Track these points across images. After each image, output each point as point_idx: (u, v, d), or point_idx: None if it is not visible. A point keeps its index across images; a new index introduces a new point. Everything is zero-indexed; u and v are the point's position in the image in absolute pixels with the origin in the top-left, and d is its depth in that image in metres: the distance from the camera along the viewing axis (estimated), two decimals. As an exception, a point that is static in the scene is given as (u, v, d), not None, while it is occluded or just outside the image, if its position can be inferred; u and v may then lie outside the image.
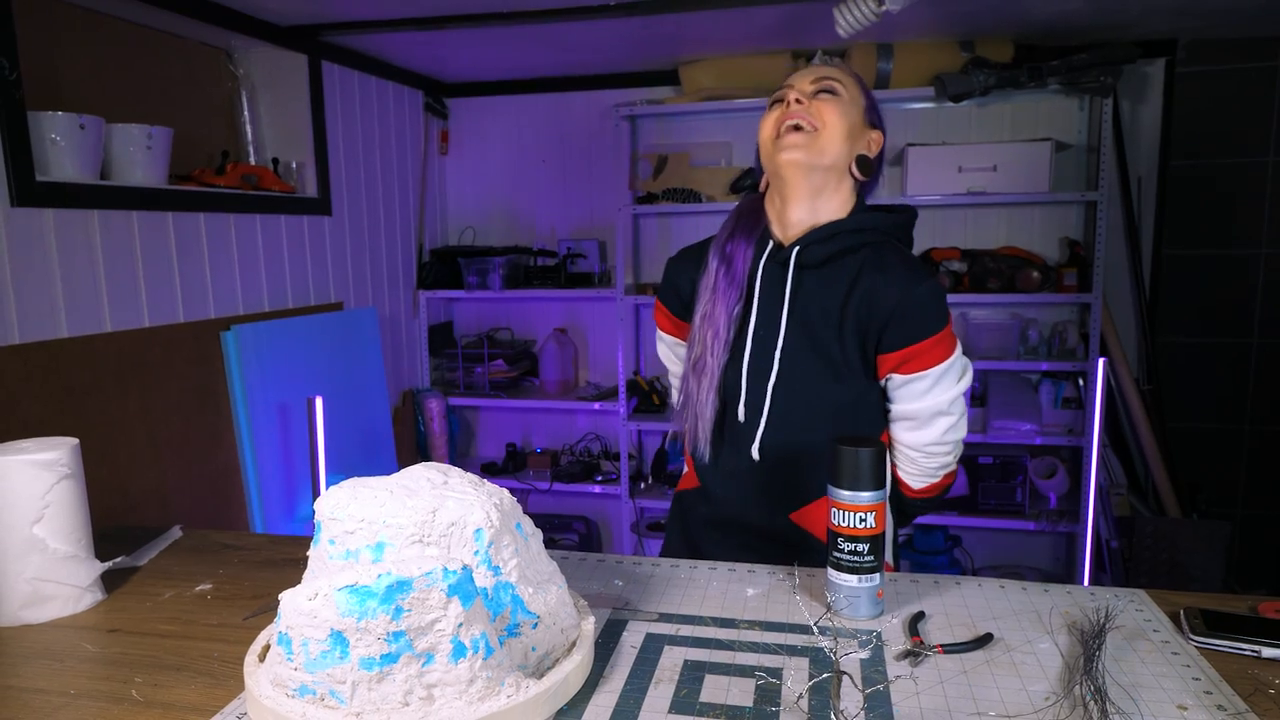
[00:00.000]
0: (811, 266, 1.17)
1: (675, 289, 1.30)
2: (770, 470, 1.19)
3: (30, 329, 1.73)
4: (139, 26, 2.17)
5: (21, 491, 0.98)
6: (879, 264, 1.15)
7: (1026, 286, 2.79)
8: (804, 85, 1.18)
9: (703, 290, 1.22)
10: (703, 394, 1.20)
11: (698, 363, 1.20)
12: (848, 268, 1.16)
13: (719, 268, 1.20)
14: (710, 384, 1.19)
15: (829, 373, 1.16)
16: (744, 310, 1.20)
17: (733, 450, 1.22)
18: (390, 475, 0.87)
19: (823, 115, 1.15)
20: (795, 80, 1.20)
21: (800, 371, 1.17)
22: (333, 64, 2.68)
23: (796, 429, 1.18)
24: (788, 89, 1.19)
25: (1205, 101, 2.81)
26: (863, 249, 1.17)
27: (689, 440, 1.25)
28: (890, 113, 3.06)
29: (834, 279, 1.16)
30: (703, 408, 1.20)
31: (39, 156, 1.74)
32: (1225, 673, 0.82)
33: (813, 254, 1.16)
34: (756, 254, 1.20)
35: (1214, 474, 2.95)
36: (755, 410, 1.18)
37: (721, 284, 1.19)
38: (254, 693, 0.76)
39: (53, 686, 0.84)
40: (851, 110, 1.18)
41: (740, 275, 1.19)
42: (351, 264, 2.83)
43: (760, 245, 1.21)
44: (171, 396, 2.08)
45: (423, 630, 0.73)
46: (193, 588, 1.09)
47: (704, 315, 1.20)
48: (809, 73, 1.20)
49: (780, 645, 0.90)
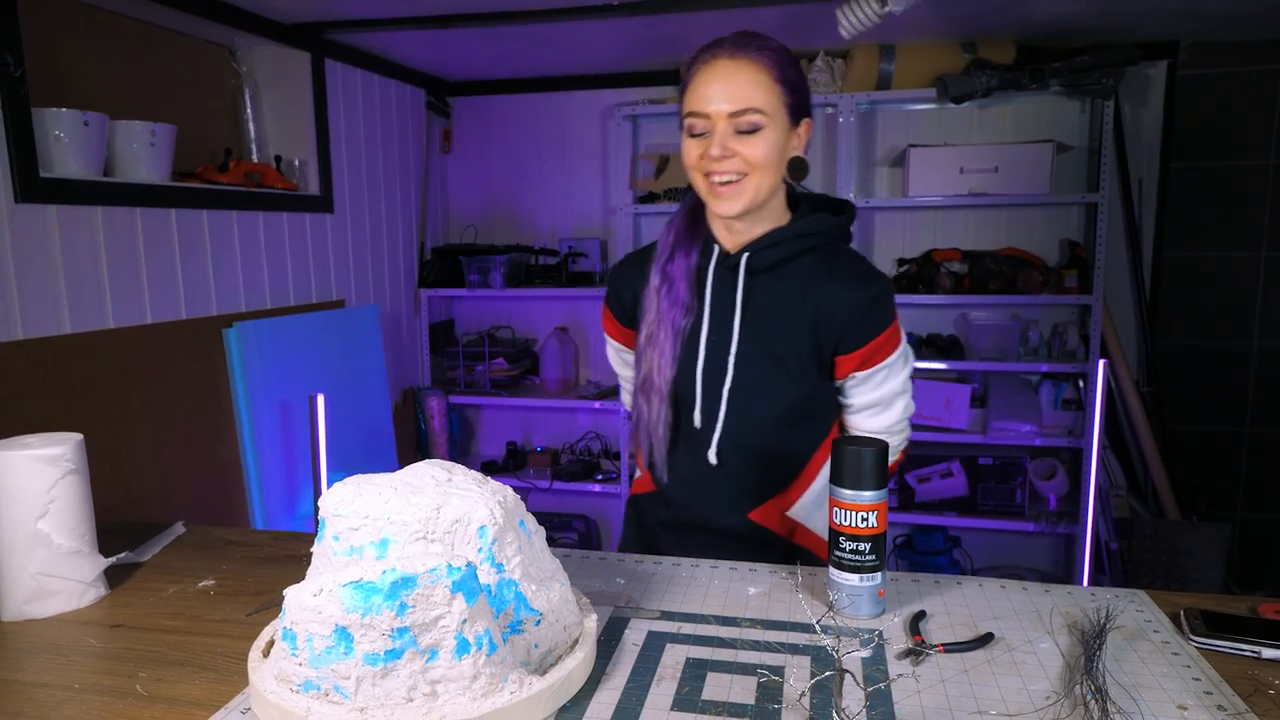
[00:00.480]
0: (761, 271, 1.18)
1: (618, 298, 1.29)
2: (728, 472, 1.20)
3: (34, 324, 1.73)
4: (143, 23, 2.18)
5: (26, 486, 0.98)
6: (831, 269, 1.17)
7: (1027, 288, 2.79)
8: (722, 119, 1.08)
9: (646, 309, 1.20)
10: (653, 414, 1.19)
11: (645, 383, 1.20)
12: (798, 271, 1.17)
13: (661, 287, 1.19)
14: (660, 403, 1.19)
15: (783, 375, 1.17)
16: (695, 318, 1.19)
17: (689, 456, 1.22)
18: (394, 472, 0.88)
19: (749, 159, 1.09)
20: (712, 108, 1.08)
21: (755, 375, 1.17)
22: (336, 62, 2.68)
23: (752, 431, 1.19)
24: (706, 121, 1.09)
25: (1207, 104, 2.82)
26: (809, 252, 1.18)
27: (643, 457, 1.26)
28: (892, 113, 3.07)
29: (785, 283, 1.17)
30: (654, 427, 1.20)
31: (43, 153, 1.75)
32: (1225, 673, 0.83)
33: (762, 259, 1.17)
34: (703, 261, 1.20)
35: (1214, 476, 2.95)
36: (711, 416, 1.19)
37: (665, 305, 1.18)
38: (259, 687, 0.77)
39: (57, 681, 0.84)
40: (776, 132, 1.10)
41: (683, 295, 1.18)
42: (353, 262, 2.84)
43: (705, 252, 1.20)
44: (174, 393, 2.08)
45: (427, 626, 0.73)
46: (196, 583, 1.09)
47: (649, 336, 1.19)
48: (725, 96, 1.07)
49: (782, 644, 0.91)
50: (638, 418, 1.23)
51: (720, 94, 1.08)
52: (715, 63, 1.09)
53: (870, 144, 3.10)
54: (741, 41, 1.10)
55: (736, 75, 1.08)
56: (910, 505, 2.99)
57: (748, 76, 1.08)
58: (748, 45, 1.10)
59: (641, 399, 1.21)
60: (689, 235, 1.21)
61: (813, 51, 2.93)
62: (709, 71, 1.09)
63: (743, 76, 1.08)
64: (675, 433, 1.22)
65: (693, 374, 1.19)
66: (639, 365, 1.22)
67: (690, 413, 1.20)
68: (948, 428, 2.92)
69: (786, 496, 1.22)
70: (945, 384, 2.97)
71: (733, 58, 1.09)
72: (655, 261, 1.21)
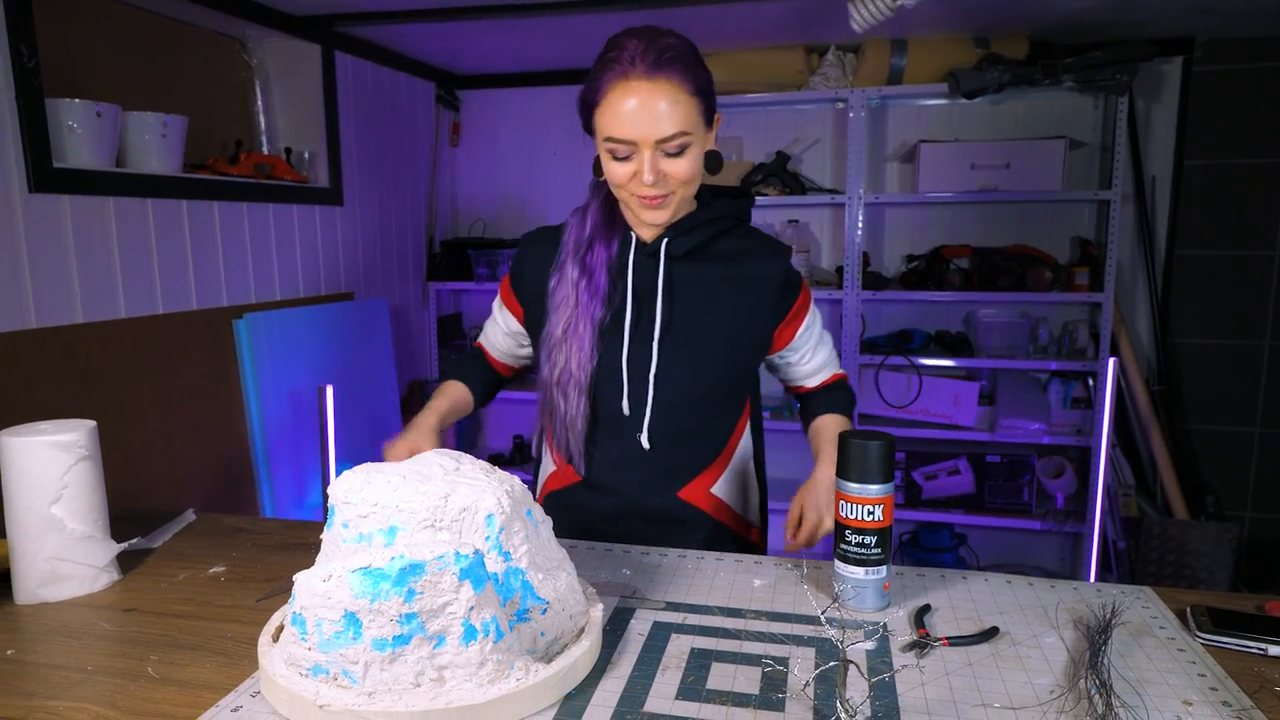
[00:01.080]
0: (679, 256, 1.20)
1: (523, 275, 1.28)
2: (659, 454, 1.22)
3: (47, 314, 1.74)
4: (155, 15, 2.19)
5: (40, 472, 0.99)
6: (746, 246, 1.23)
7: (1037, 285, 2.78)
8: (649, 144, 1.05)
9: (561, 301, 1.19)
10: (571, 407, 1.19)
11: (563, 377, 1.18)
12: (716, 253, 1.21)
13: (580, 280, 1.18)
14: (579, 395, 1.18)
15: (708, 355, 1.20)
16: (618, 307, 1.19)
17: (615, 442, 1.23)
18: (403, 461, 0.89)
19: (676, 177, 1.09)
20: (639, 134, 1.05)
21: (681, 357, 1.19)
22: (346, 55, 2.69)
23: (681, 412, 1.21)
24: (630, 147, 1.06)
25: (1222, 101, 2.80)
26: (721, 235, 1.22)
27: (559, 449, 1.25)
28: (903, 108, 3.06)
29: (707, 265, 1.20)
30: (573, 419, 1.19)
31: (56, 143, 1.76)
32: (1231, 669, 0.82)
33: (680, 245, 1.19)
34: (622, 250, 1.21)
35: (1224, 476, 2.94)
36: (639, 401, 1.20)
37: (584, 297, 1.18)
38: (268, 671, 0.78)
39: (70, 663, 0.86)
40: (699, 144, 1.10)
41: (603, 286, 1.18)
42: (362, 254, 2.85)
43: (624, 242, 1.21)
44: (184, 382, 2.09)
45: (434, 613, 0.74)
46: (206, 570, 1.10)
47: (567, 328, 1.18)
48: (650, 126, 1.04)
49: (787, 635, 0.91)
50: (552, 411, 1.22)
51: (645, 123, 1.04)
52: (631, 85, 1.04)
53: (881, 139, 3.09)
54: (650, 54, 1.03)
55: (657, 101, 1.03)
56: (917, 502, 2.98)
57: (668, 99, 1.04)
58: (659, 60, 1.03)
59: (557, 393, 1.20)
60: (606, 227, 1.21)
61: (823, 46, 2.92)
62: (625, 95, 1.04)
63: (664, 100, 1.04)
64: (594, 422, 1.22)
65: (617, 361, 1.20)
66: (551, 361, 1.20)
67: (617, 400, 1.20)
68: (955, 425, 2.91)
69: (711, 474, 1.26)
70: (954, 381, 2.96)
71: (650, 79, 1.03)
72: (569, 254, 1.20)
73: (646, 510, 1.25)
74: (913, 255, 3.06)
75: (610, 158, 1.10)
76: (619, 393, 1.20)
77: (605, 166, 1.13)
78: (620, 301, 1.19)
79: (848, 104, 2.90)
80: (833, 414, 1.31)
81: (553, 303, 1.20)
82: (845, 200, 2.93)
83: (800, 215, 3.14)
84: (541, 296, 1.22)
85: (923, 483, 2.97)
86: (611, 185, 1.14)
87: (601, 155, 1.12)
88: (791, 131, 3.14)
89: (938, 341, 3.04)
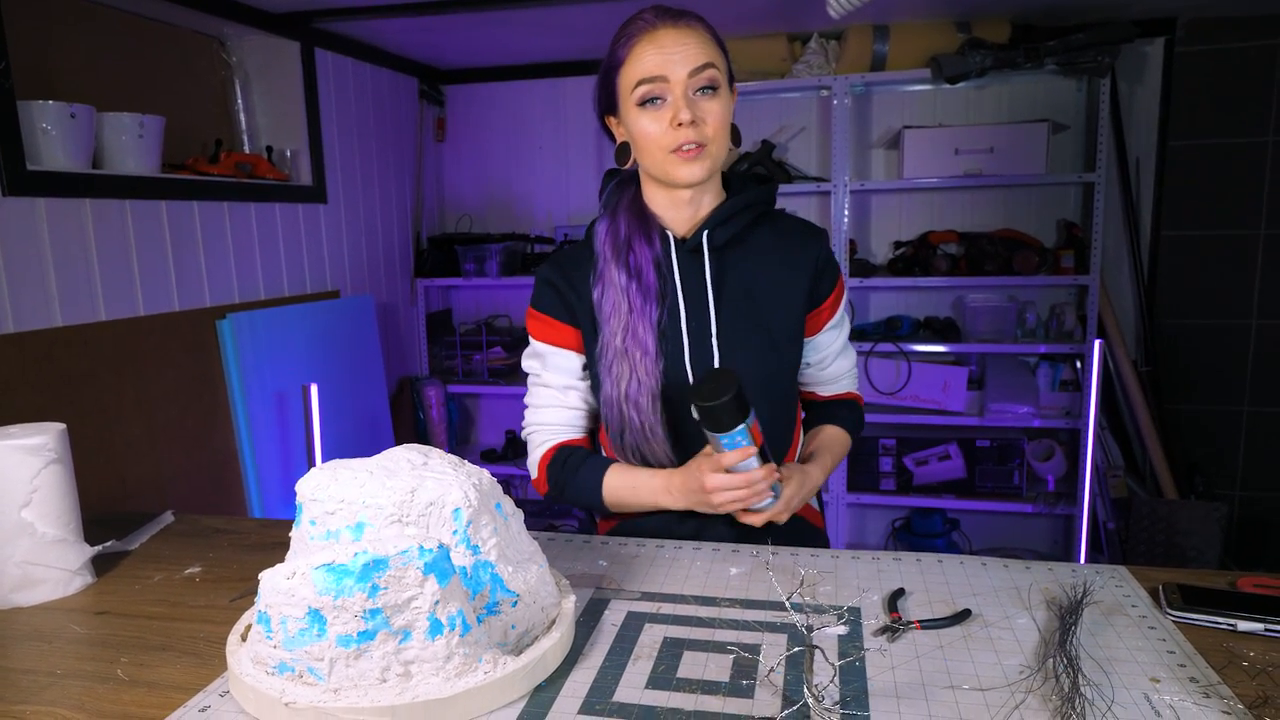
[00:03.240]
0: (721, 248, 1.17)
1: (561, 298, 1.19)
2: None
3: (25, 318, 1.74)
4: (131, 15, 2.17)
5: (9, 476, 0.99)
6: (783, 228, 1.22)
7: (1024, 269, 2.78)
8: (681, 82, 1.06)
9: (612, 310, 1.13)
10: (646, 417, 1.13)
11: (630, 389, 1.12)
12: (757, 240, 1.20)
13: (629, 283, 1.13)
14: (652, 403, 1.13)
15: (766, 345, 1.17)
16: (670, 309, 1.16)
17: (695, 446, 1.16)
18: (372, 457, 0.88)
19: (712, 122, 1.08)
20: (670, 70, 1.06)
21: (739, 349, 1.16)
22: (326, 51, 2.67)
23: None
24: (663, 85, 1.06)
25: (1204, 81, 2.79)
26: (756, 223, 1.20)
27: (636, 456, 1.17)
28: (886, 95, 3.05)
29: (748, 254, 1.18)
30: (652, 427, 1.13)
31: (30, 146, 1.75)
32: (1200, 646, 0.83)
33: (721, 234, 1.16)
34: (662, 249, 1.17)
35: (1212, 455, 2.95)
36: None
37: (637, 301, 1.13)
38: (235, 671, 0.77)
39: (40, 667, 0.85)
40: (727, 95, 1.10)
41: (653, 285, 1.14)
42: (348, 252, 2.84)
43: (662, 242, 1.17)
44: (168, 385, 2.09)
45: (399, 608, 0.73)
46: (182, 571, 1.10)
47: (626, 336, 1.12)
48: (681, 57, 1.06)
49: (760, 622, 0.91)
50: (624, 428, 1.14)
51: (677, 55, 1.06)
52: (660, 30, 1.07)
53: (865, 126, 3.08)
54: (674, 12, 1.09)
55: (686, 37, 1.07)
56: (908, 488, 2.99)
57: (696, 36, 1.08)
58: (684, 14, 1.09)
59: (629, 407, 1.13)
60: (641, 222, 1.17)
61: (806, 34, 2.91)
62: (653, 39, 1.07)
63: (691, 37, 1.08)
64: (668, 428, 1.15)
65: (681, 365, 1.15)
66: (613, 371, 1.14)
67: (685, 406, 1.13)
68: (945, 410, 2.92)
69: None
70: (943, 366, 2.96)
71: (676, 25, 1.08)
72: (608, 260, 1.15)
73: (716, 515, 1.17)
74: (900, 242, 3.06)
75: (641, 113, 1.09)
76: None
77: (636, 126, 1.10)
78: (672, 303, 1.15)
79: (831, 91, 2.89)
80: (839, 428, 1.27)
81: (603, 314, 1.14)
82: (831, 188, 2.93)
83: (786, 204, 3.13)
84: (590, 314, 1.16)
85: (914, 468, 2.98)
86: (642, 151, 1.11)
87: (631, 115, 1.10)
88: (776, 120, 3.14)
89: (926, 327, 3.04)
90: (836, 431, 1.27)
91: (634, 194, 1.20)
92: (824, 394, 1.30)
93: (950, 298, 3.11)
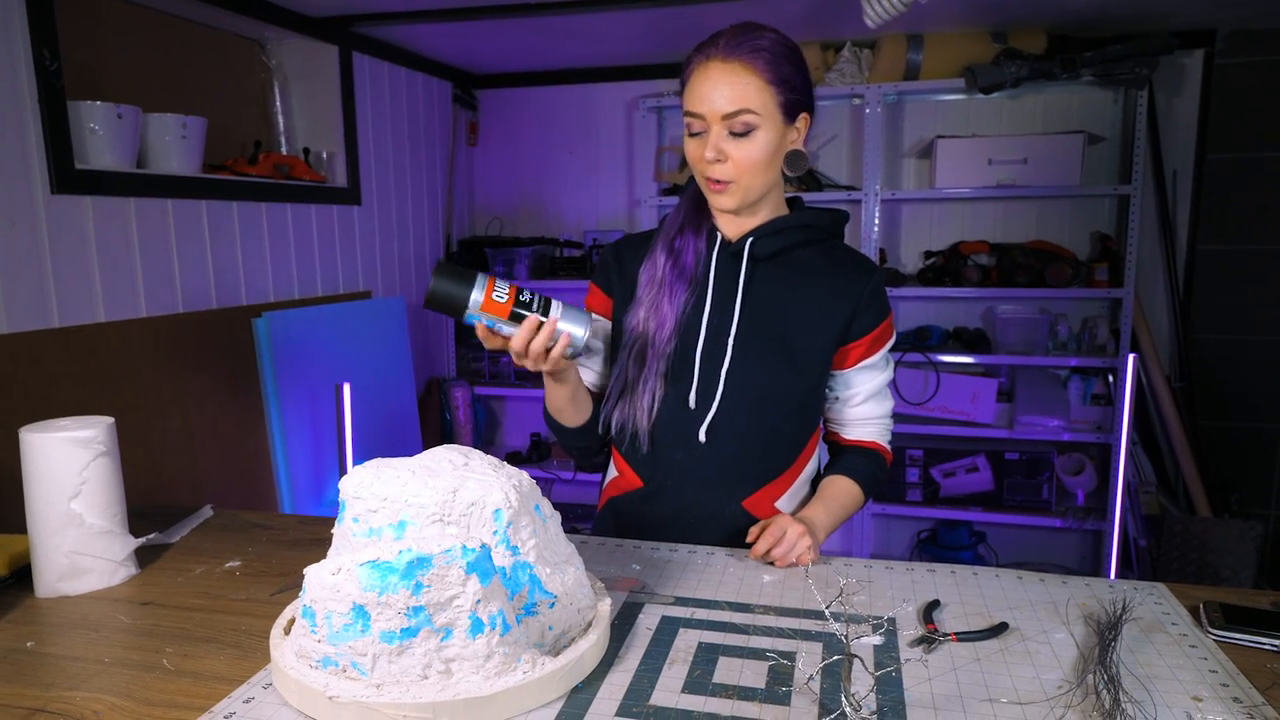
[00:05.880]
0: (764, 258, 1.20)
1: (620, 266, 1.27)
2: (719, 455, 1.20)
3: (69, 313, 1.78)
4: (175, 18, 2.22)
5: (59, 467, 1.01)
6: (832, 259, 1.22)
7: (1056, 281, 2.75)
8: (716, 125, 1.11)
9: (647, 283, 1.21)
10: (641, 383, 1.19)
11: (641, 344, 1.19)
12: (803, 261, 1.21)
13: (666, 262, 1.20)
14: (651, 371, 1.18)
15: (783, 361, 1.18)
16: (697, 301, 1.20)
17: (681, 444, 1.20)
18: (413, 456, 0.89)
19: (739, 164, 1.11)
20: (706, 109, 1.10)
21: (755, 359, 1.18)
22: (363, 55, 2.71)
23: (747, 415, 1.19)
24: (701, 121, 1.11)
25: (1244, 93, 2.75)
26: (810, 244, 1.22)
27: (623, 432, 1.22)
28: (919, 104, 3.04)
29: (787, 272, 1.20)
30: (641, 396, 1.19)
31: (78, 145, 1.79)
32: (1243, 666, 0.82)
33: (765, 246, 1.20)
34: (707, 247, 1.22)
35: (1248, 473, 2.90)
36: (707, 396, 1.19)
37: (669, 277, 1.19)
38: (279, 664, 0.79)
39: (88, 655, 0.87)
40: (769, 132, 1.11)
41: (689, 269, 1.20)
42: (380, 253, 2.87)
43: (710, 239, 1.22)
44: (204, 381, 2.12)
45: (441, 606, 0.74)
46: (222, 564, 1.12)
47: (651, 306, 1.19)
48: (718, 98, 1.09)
49: (795, 630, 0.91)
50: (621, 386, 1.21)
51: (714, 96, 1.10)
52: (709, 64, 1.11)
53: (897, 135, 3.07)
54: (736, 40, 1.11)
55: (728, 77, 1.10)
56: (935, 500, 2.97)
57: (740, 79, 1.09)
58: (740, 46, 1.10)
59: (632, 367, 1.19)
60: (694, 219, 1.23)
61: (839, 42, 2.91)
62: (703, 72, 1.11)
63: (735, 79, 1.09)
64: (660, 417, 1.20)
65: (691, 353, 1.19)
66: (630, 336, 1.20)
67: (685, 391, 1.19)
68: (974, 422, 2.89)
69: (778, 486, 1.22)
70: (972, 378, 2.94)
71: (726, 60, 1.10)
72: (661, 238, 1.23)
73: (709, 517, 1.22)
74: (930, 251, 3.04)
75: (688, 137, 1.15)
76: (688, 385, 1.19)
77: (685, 145, 1.17)
78: (701, 294, 1.20)
79: (864, 100, 2.88)
80: (852, 481, 1.24)
81: (640, 284, 1.22)
82: (862, 197, 2.92)
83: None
84: (629, 288, 1.24)
85: (941, 480, 2.95)
86: (690, 164, 1.18)
87: (684, 134, 1.17)
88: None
89: (956, 338, 3.02)
90: (848, 485, 1.23)
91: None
92: (848, 437, 1.28)
93: (980, 308, 3.09)
